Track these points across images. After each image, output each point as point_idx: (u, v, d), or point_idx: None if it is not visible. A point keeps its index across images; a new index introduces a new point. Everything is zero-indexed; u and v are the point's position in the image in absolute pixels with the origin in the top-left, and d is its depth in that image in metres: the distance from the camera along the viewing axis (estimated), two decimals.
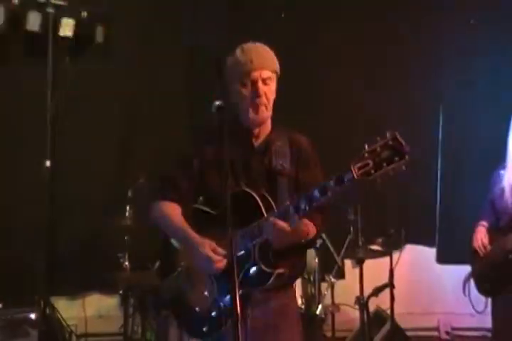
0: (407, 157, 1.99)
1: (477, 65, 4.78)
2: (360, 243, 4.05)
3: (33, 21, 4.41)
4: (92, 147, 4.73)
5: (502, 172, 3.46)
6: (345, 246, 3.98)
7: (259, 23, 4.92)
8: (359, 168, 2.03)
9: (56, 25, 4.47)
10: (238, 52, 2.33)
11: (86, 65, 4.71)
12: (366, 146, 2.03)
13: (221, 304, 2.27)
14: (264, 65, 2.30)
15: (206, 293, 2.30)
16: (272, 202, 2.24)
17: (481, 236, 3.50)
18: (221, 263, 2.20)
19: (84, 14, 4.56)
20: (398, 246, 4.11)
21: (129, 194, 4.28)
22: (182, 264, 2.39)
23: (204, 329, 2.30)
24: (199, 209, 2.38)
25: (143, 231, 3.69)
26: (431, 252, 4.99)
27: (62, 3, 4.44)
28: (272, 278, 2.19)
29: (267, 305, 2.28)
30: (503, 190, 3.44)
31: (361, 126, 4.94)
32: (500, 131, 3.54)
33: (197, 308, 2.31)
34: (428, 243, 4.99)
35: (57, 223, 4.59)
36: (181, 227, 2.32)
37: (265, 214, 2.22)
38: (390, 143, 2.00)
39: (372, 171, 2.01)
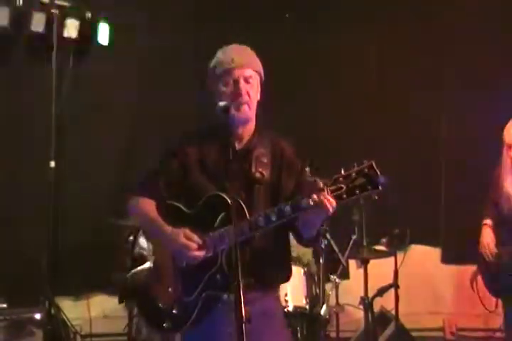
0: (380, 188, 2.04)
1: (478, 66, 4.77)
2: (365, 243, 4.04)
3: (37, 22, 4.42)
4: (96, 147, 4.74)
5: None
6: (349, 246, 3.97)
7: (259, 23, 4.92)
8: (332, 191, 2.07)
9: (60, 26, 4.49)
10: (219, 52, 2.33)
11: (90, 66, 4.72)
12: (342, 170, 2.07)
13: (184, 303, 2.26)
14: (245, 63, 2.29)
15: (171, 289, 2.30)
16: (245, 209, 2.21)
17: (487, 241, 3.52)
18: (198, 251, 2.20)
19: (89, 15, 4.56)
20: (403, 246, 4.11)
21: None
22: (151, 260, 2.38)
23: (164, 325, 2.30)
24: (175, 206, 2.36)
25: None
26: (436, 252, 4.98)
27: (66, 4, 4.45)
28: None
29: (250, 307, 2.15)
30: (507, 197, 3.45)
31: (361, 125, 4.93)
32: (501, 131, 3.55)
33: (160, 303, 2.32)
34: (433, 243, 4.98)
35: (62, 223, 4.60)
36: (155, 220, 2.31)
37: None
38: (366, 171, 2.04)
39: (345, 196, 2.06)
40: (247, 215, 2.21)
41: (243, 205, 2.22)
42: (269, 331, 2.27)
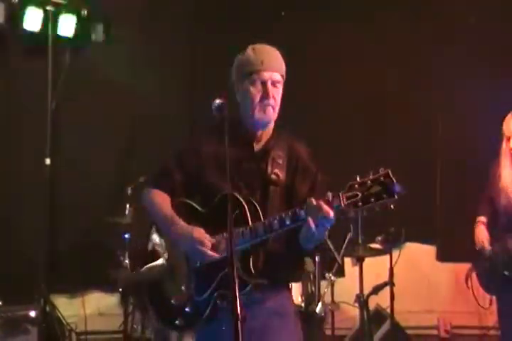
0: (396, 196, 2.00)
1: (478, 66, 4.77)
2: (360, 241, 4.05)
3: (33, 19, 4.41)
4: (92, 145, 4.74)
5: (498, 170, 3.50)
6: (345, 244, 3.97)
7: (259, 23, 4.91)
8: (347, 198, 2.04)
9: (56, 24, 4.48)
10: (249, 51, 2.31)
11: (86, 64, 4.71)
12: (358, 177, 2.04)
13: (197, 302, 2.27)
14: (275, 67, 2.30)
15: (184, 288, 2.31)
16: (259, 210, 2.22)
17: (482, 238, 3.53)
18: (211, 249, 2.20)
19: (84, 12, 4.55)
20: (398, 244, 4.12)
21: (129, 192, 4.29)
22: (164, 256, 2.39)
23: (176, 322, 2.31)
24: (188, 204, 2.37)
25: (143, 229, 3.69)
26: (431, 250, 4.99)
27: (61, 1, 4.44)
28: (248, 288, 2.17)
29: (263, 306, 2.26)
30: (504, 189, 3.46)
31: (361, 125, 4.93)
32: (499, 131, 3.56)
33: (173, 300, 2.33)
34: (428, 241, 4.99)
35: (58, 221, 4.60)
36: (170, 215, 2.30)
37: (250, 221, 2.20)
38: (382, 179, 2.02)
39: (360, 203, 2.03)
40: (261, 216, 2.21)
41: (257, 206, 2.22)
42: (280, 330, 2.27)
